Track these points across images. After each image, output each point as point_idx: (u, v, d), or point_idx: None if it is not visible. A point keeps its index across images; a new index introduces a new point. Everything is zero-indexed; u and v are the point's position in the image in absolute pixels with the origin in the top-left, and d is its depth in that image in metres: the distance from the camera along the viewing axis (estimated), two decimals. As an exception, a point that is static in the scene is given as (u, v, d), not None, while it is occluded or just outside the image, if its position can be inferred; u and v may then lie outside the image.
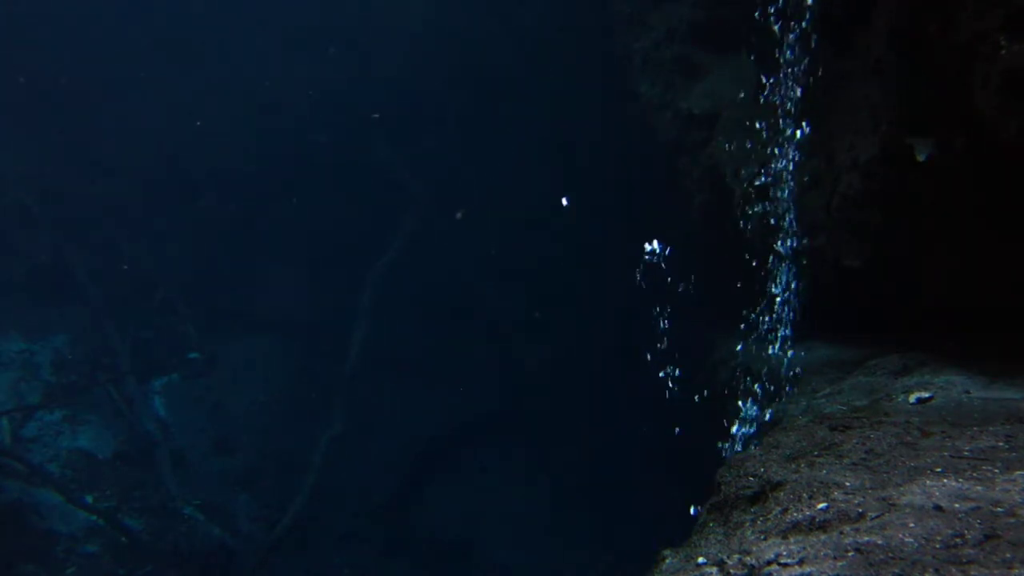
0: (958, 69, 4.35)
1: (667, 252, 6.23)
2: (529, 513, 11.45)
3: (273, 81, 12.56)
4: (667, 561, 3.43)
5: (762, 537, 3.10)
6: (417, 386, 12.13)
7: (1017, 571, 2.47)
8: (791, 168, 5.90)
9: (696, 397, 7.56)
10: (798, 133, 5.78)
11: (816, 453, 3.81)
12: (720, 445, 5.87)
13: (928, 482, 3.18)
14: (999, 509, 2.87)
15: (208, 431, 11.89)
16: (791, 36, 5.56)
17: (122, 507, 10.87)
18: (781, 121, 5.86)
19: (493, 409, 12.11)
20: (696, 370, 7.71)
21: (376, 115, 11.76)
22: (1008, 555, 2.55)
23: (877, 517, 2.93)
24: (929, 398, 4.51)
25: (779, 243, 6.01)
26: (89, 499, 10.77)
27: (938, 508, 2.92)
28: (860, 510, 3.02)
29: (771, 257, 6.05)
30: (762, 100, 6.11)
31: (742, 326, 6.23)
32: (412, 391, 12.12)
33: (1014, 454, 3.46)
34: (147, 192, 12.91)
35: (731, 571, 2.81)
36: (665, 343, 9.83)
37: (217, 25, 12.42)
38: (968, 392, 4.52)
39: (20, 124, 12.50)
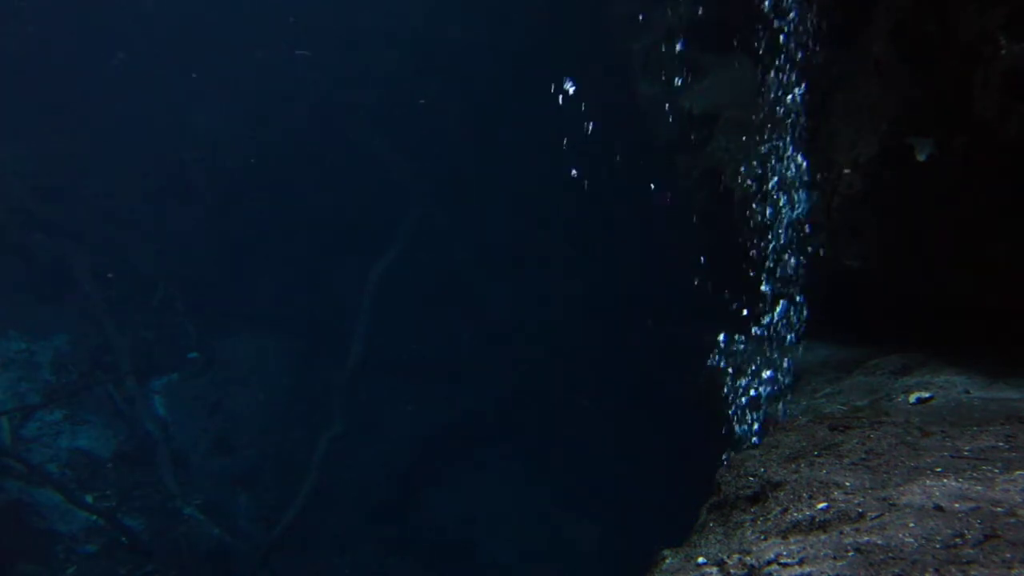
0: (959, 69, 4.35)
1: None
2: (529, 513, 11.45)
3: (273, 80, 12.56)
4: (667, 561, 3.43)
5: (762, 537, 3.10)
6: (417, 386, 12.14)
7: (1017, 571, 2.46)
8: (791, 168, 5.90)
9: (696, 397, 7.55)
10: (798, 133, 5.78)
11: (816, 453, 3.81)
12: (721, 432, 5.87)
13: (928, 482, 3.18)
14: (999, 509, 2.87)
15: (208, 431, 11.89)
16: (791, 36, 5.56)
17: (122, 507, 10.87)
18: (781, 121, 5.85)
19: (492, 409, 12.11)
20: (696, 370, 7.70)
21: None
22: (1008, 555, 2.55)
23: (877, 517, 2.93)
24: (929, 398, 4.51)
25: (779, 243, 6.01)
26: (89, 499, 10.77)
27: (938, 508, 2.92)
28: (860, 510, 3.02)
29: (771, 257, 6.05)
30: (762, 100, 6.11)
31: (742, 326, 6.23)
32: (412, 391, 12.12)
33: (1014, 454, 3.46)
34: (147, 192, 12.91)
35: (731, 571, 2.80)
36: (665, 343, 9.84)
37: (217, 24, 12.41)
38: (968, 392, 4.52)
39: (20, 124, 12.50)
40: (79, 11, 12.49)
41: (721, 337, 7.01)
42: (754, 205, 6.26)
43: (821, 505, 3.14)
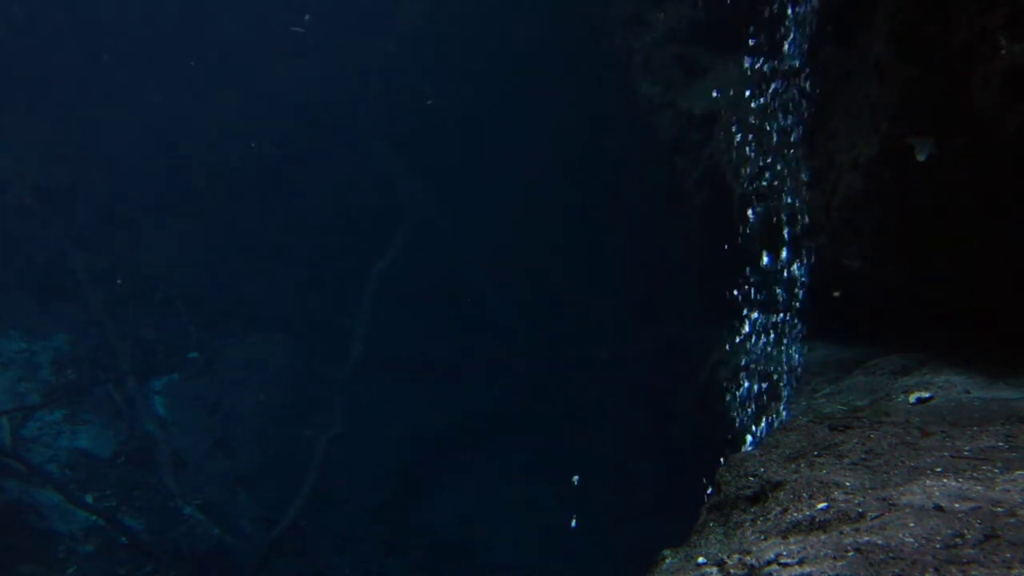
0: (959, 69, 4.35)
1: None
2: (529, 513, 11.45)
3: (273, 80, 12.56)
4: (667, 561, 3.43)
5: (762, 537, 3.09)
6: (417, 386, 12.13)
7: (1017, 571, 2.46)
8: (791, 168, 5.90)
9: (697, 396, 7.56)
10: (798, 133, 5.78)
11: (816, 453, 3.81)
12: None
13: (928, 482, 3.18)
14: (999, 509, 2.87)
15: (208, 431, 11.89)
16: (792, 36, 5.56)
17: (122, 507, 10.87)
18: (781, 121, 5.85)
19: (493, 409, 12.10)
20: (697, 370, 7.70)
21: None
22: (1008, 555, 2.55)
23: (877, 517, 2.93)
24: (929, 398, 4.50)
25: (779, 243, 6.01)
26: (89, 499, 10.77)
27: (938, 508, 2.92)
28: (860, 510, 3.01)
29: (771, 257, 6.05)
30: (762, 100, 6.11)
31: (742, 326, 6.23)
32: (412, 391, 12.12)
33: (1014, 454, 3.46)
34: (147, 192, 12.91)
35: (731, 571, 2.80)
36: (666, 343, 9.85)
37: (217, 24, 12.42)
38: (968, 392, 4.52)
39: (20, 124, 12.50)
40: (80, 12, 12.49)
41: (722, 335, 7.00)
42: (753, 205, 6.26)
43: (821, 505, 3.14)
